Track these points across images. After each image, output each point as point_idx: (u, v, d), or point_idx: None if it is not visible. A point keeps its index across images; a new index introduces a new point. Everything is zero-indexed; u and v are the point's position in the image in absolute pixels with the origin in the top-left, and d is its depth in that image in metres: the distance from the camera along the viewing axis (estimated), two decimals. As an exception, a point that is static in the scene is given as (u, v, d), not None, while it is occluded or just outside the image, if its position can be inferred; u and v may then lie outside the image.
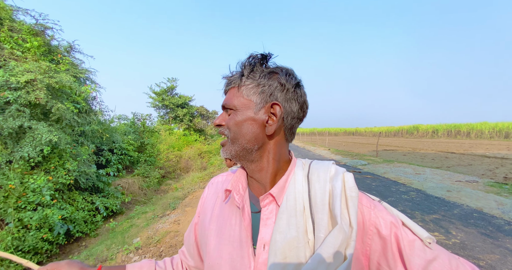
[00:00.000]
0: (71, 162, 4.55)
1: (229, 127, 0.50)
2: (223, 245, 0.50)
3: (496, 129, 32.32)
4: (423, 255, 0.41)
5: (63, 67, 4.16)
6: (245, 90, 0.49)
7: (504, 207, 3.90)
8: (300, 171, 0.51)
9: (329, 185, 0.46)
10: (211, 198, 0.61)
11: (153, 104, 16.19)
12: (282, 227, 0.44)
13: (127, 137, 8.38)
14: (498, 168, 8.03)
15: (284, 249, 0.42)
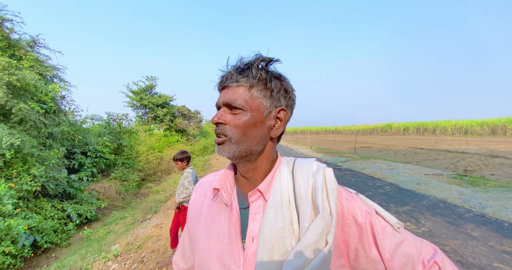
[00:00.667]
0: (38, 167, 4.18)
1: (236, 127, 0.49)
2: (212, 242, 0.52)
3: (457, 126, 35.58)
4: (393, 238, 0.47)
5: (27, 64, 3.79)
6: (256, 92, 0.49)
7: (464, 196, 4.32)
8: (285, 168, 0.55)
9: (311, 180, 0.51)
10: (199, 198, 0.63)
11: (130, 104, 15.38)
12: (269, 219, 0.47)
13: (102, 138, 7.89)
14: (459, 162, 8.86)
15: (271, 239, 0.46)
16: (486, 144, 16.58)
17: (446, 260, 0.47)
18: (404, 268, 0.46)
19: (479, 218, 3.32)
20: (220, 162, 10.61)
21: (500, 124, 29.49)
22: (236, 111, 0.49)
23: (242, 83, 0.49)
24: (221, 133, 0.50)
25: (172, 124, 15.93)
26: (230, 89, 0.50)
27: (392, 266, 0.46)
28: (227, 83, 0.50)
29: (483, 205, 3.83)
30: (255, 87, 0.49)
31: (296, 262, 0.42)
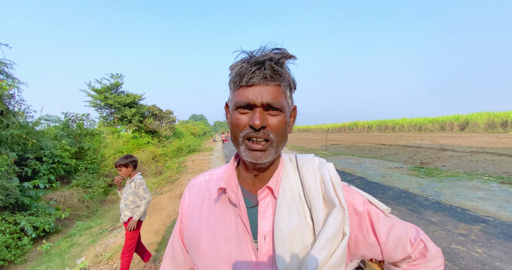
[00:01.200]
0: (-19, 176, 3.60)
1: (278, 129, 0.47)
2: (219, 245, 0.50)
3: (412, 124, 39.66)
4: (386, 223, 0.52)
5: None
6: (285, 92, 0.48)
7: (422, 186, 4.84)
8: (289, 164, 0.56)
9: (318, 174, 0.53)
10: (195, 200, 0.58)
11: (93, 103, 14.05)
12: (284, 216, 0.47)
13: (59, 142, 7.08)
14: (416, 155, 9.89)
15: (290, 236, 0.46)
16: (437, 139, 18.78)
17: (427, 237, 0.54)
18: (396, 248, 0.51)
19: (436, 205, 3.74)
20: (196, 163, 10.30)
21: (448, 121, 33.65)
22: (274, 113, 0.47)
23: (279, 81, 0.46)
24: (264, 137, 0.46)
25: (141, 125, 14.97)
26: (268, 87, 0.45)
27: (387, 248, 0.51)
28: (264, 80, 0.45)
29: (439, 193, 4.33)
30: (285, 87, 0.48)
31: (320, 255, 0.42)
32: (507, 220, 3.01)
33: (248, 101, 0.46)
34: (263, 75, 0.45)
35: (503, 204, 3.55)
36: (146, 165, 10.41)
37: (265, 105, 0.46)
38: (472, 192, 4.21)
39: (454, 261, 2.16)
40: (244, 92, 0.46)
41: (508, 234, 2.65)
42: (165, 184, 7.30)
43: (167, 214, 4.03)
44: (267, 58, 0.46)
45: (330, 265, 0.42)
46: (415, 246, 0.52)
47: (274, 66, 0.45)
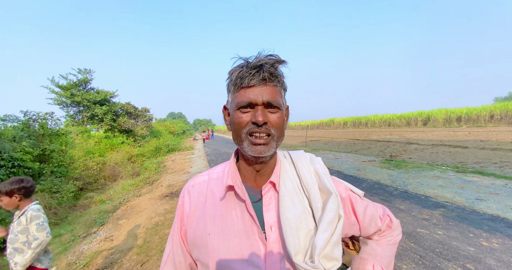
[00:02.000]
0: None
1: (277, 125, 0.52)
2: (228, 240, 0.53)
3: (383, 120, 42.52)
4: (362, 205, 0.64)
5: None
6: (280, 92, 0.54)
7: (392, 177, 5.25)
8: (285, 160, 0.63)
9: (312, 168, 0.62)
10: (197, 201, 0.59)
11: (57, 101, 12.86)
12: (288, 207, 0.53)
13: (19, 144, 6.41)
14: (386, 149, 10.66)
15: (296, 223, 0.52)
16: (404, 133, 20.37)
17: (390, 212, 0.68)
18: (370, 224, 0.64)
19: (403, 194, 4.10)
20: (176, 163, 9.99)
21: (413, 117, 36.64)
22: (273, 110, 0.52)
23: (276, 83, 0.52)
24: (267, 132, 0.51)
25: (114, 123, 14.09)
26: (267, 87, 0.51)
27: (364, 225, 0.64)
28: (263, 82, 0.50)
29: (406, 183, 4.74)
30: (281, 88, 0.54)
31: (324, 235, 0.50)
32: (462, 204, 3.41)
33: (250, 100, 0.50)
34: (262, 77, 0.50)
35: (459, 191, 4.01)
36: (122, 166, 9.86)
37: (265, 103, 0.51)
38: (433, 181, 4.67)
39: (419, 243, 2.40)
40: (246, 93, 0.51)
41: (462, 216, 3.01)
42: (144, 186, 6.99)
43: (147, 216, 3.88)
44: (264, 62, 0.51)
45: (332, 243, 0.50)
46: (384, 220, 0.65)
47: (271, 69, 0.51)
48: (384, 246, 0.65)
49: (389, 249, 0.65)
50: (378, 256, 0.64)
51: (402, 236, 0.71)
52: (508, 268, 1.92)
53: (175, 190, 5.55)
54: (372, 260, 0.65)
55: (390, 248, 0.65)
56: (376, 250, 0.65)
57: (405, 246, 2.36)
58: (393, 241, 0.65)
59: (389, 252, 0.65)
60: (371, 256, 0.65)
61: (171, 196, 5.09)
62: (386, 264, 0.65)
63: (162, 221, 3.67)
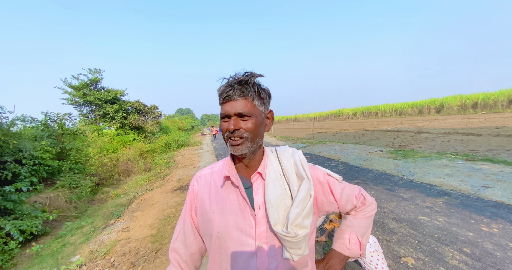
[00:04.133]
0: (-42, 183, 3.47)
1: (249, 130, 0.65)
2: (227, 216, 0.69)
3: (393, 109, 41.32)
4: (339, 187, 0.77)
5: None
6: (256, 102, 0.66)
7: (398, 167, 5.24)
8: (271, 154, 0.77)
9: (292, 159, 0.75)
10: (203, 188, 0.76)
11: (71, 101, 13.37)
12: (271, 190, 0.68)
13: (39, 143, 6.81)
14: (395, 139, 10.49)
15: (276, 202, 0.67)
16: (415, 122, 19.83)
17: (365, 192, 0.82)
18: (346, 202, 0.77)
19: (408, 183, 4.11)
20: (186, 158, 10.29)
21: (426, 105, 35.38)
22: (245, 118, 0.65)
23: (246, 96, 0.64)
24: (239, 136, 0.65)
25: (125, 121, 14.53)
26: (238, 101, 0.64)
27: (341, 203, 0.77)
28: (234, 97, 0.64)
29: (412, 172, 4.73)
30: (256, 99, 0.66)
31: (296, 210, 0.65)
32: (467, 192, 3.41)
33: (225, 113, 0.65)
34: (233, 93, 0.64)
35: (465, 179, 3.98)
36: (134, 162, 10.27)
37: (237, 114, 0.64)
38: (440, 170, 4.64)
39: (419, 230, 2.46)
40: (223, 107, 0.66)
41: (466, 204, 3.02)
42: (155, 180, 7.30)
43: (160, 209, 4.12)
44: (236, 82, 0.64)
45: (302, 215, 0.65)
46: (358, 198, 0.79)
47: (242, 86, 0.64)
48: (359, 219, 0.80)
49: (364, 221, 0.80)
50: (354, 227, 0.80)
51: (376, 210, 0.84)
52: (504, 251, 1.96)
53: (185, 184, 5.79)
54: (348, 231, 0.81)
55: (364, 220, 0.80)
56: (353, 222, 0.80)
57: (405, 232, 2.43)
58: (368, 215, 0.80)
59: (364, 224, 0.80)
60: (348, 227, 0.81)
61: (181, 190, 5.33)
62: (361, 233, 0.80)
63: (174, 213, 3.89)
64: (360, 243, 0.79)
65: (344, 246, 0.80)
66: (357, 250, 0.79)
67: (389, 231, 2.50)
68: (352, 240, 0.79)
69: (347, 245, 0.79)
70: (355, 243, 0.79)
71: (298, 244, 0.64)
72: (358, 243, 0.79)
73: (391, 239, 2.34)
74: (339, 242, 0.81)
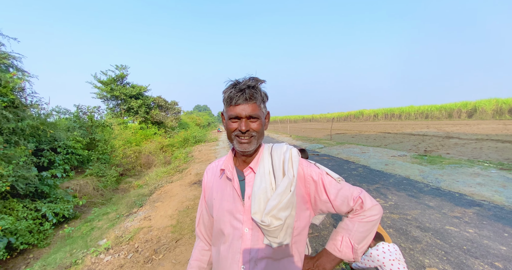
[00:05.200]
0: (4, 166, 3.87)
1: (257, 130, 0.75)
2: (223, 203, 0.80)
3: (419, 111, 39.00)
4: (335, 187, 0.77)
5: (-20, 52, 3.33)
6: (261, 105, 0.76)
7: (424, 173, 4.96)
8: (266, 151, 0.82)
9: (282, 156, 0.79)
10: (211, 179, 0.89)
11: (99, 95, 14.24)
12: (257, 183, 0.75)
13: (72, 133, 7.36)
14: (420, 143, 9.92)
15: (259, 194, 0.73)
16: (443, 126, 18.58)
17: (367, 195, 0.79)
18: (342, 204, 0.77)
19: (435, 191, 3.88)
20: (202, 153, 10.57)
21: (456, 108, 32.98)
22: (254, 120, 0.74)
23: (255, 100, 0.73)
24: (249, 135, 0.74)
25: (147, 116, 15.20)
26: (248, 105, 0.72)
27: (336, 203, 0.77)
28: (246, 101, 0.72)
29: (439, 180, 4.46)
30: (261, 102, 0.75)
31: (272, 202, 0.70)
32: (501, 204, 3.15)
33: (236, 114, 0.72)
34: (244, 98, 0.71)
35: (499, 189, 3.67)
36: (155, 155, 10.73)
37: (247, 116, 0.72)
38: (471, 178, 4.32)
39: (445, 240, 2.33)
40: (234, 109, 0.73)
41: (499, 216, 2.79)
42: (174, 173, 7.59)
43: (179, 200, 4.29)
44: (246, 86, 0.72)
45: (278, 208, 0.69)
46: (355, 201, 0.77)
47: (251, 91, 0.72)
48: (355, 223, 0.78)
49: (361, 226, 0.77)
50: (348, 230, 0.79)
51: (380, 217, 0.78)
52: (546, 271, 1.80)
53: (202, 178, 5.96)
54: (342, 233, 0.80)
55: (362, 225, 0.77)
56: (348, 225, 0.79)
57: (430, 242, 2.31)
58: (366, 220, 0.77)
59: (361, 228, 0.77)
60: (343, 229, 0.80)
61: (199, 184, 5.49)
62: (356, 238, 0.77)
63: (192, 205, 4.03)
64: (353, 247, 0.77)
65: (336, 247, 0.80)
66: (349, 253, 0.78)
67: (412, 239, 2.39)
68: (344, 243, 0.78)
69: (338, 247, 0.79)
70: (347, 246, 0.78)
71: (274, 233, 0.70)
72: (350, 246, 0.78)
73: (414, 247, 2.24)
74: (331, 243, 0.82)
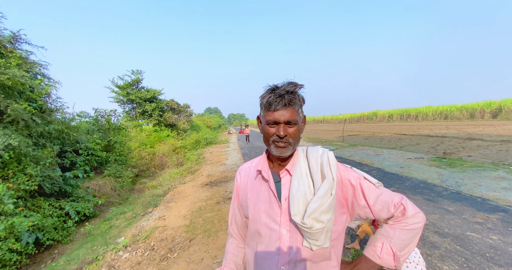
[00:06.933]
0: (33, 167, 4.15)
1: (294, 135, 0.75)
2: (259, 204, 0.82)
3: (437, 112, 37.27)
4: (375, 192, 0.76)
5: (14, 62, 3.64)
6: (299, 110, 0.76)
7: (443, 177, 4.75)
8: (301, 153, 0.83)
9: (319, 159, 0.79)
10: (244, 179, 0.91)
11: (116, 99, 14.90)
12: (295, 186, 0.76)
13: (91, 136, 7.75)
14: (439, 145, 9.49)
15: (298, 196, 0.74)
16: (464, 127, 17.66)
17: (409, 202, 0.77)
18: (382, 209, 0.76)
19: (455, 195, 3.71)
20: (213, 155, 10.73)
21: (478, 108, 31.20)
22: (291, 125, 0.74)
23: (293, 106, 0.73)
24: (286, 141, 0.74)
25: (161, 118, 15.67)
26: (287, 111, 0.72)
27: (375, 209, 0.76)
28: (285, 107, 0.72)
29: (459, 183, 4.26)
30: (299, 108, 0.75)
31: (314, 205, 0.71)
32: (529, 210, 2.96)
33: (275, 120, 0.73)
34: (283, 103, 0.71)
35: (528, 195, 3.45)
36: (168, 157, 11.03)
37: (285, 122, 0.73)
38: (495, 182, 4.09)
39: (466, 246, 2.23)
40: (273, 114, 0.73)
41: (528, 223, 2.63)
42: (187, 174, 7.76)
43: (191, 201, 4.39)
44: (285, 92, 0.72)
45: (320, 211, 0.70)
46: (397, 208, 0.75)
47: (290, 96, 0.72)
48: (397, 230, 0.75)
49: (403, 234, 0.74)
50: (389, 237, 0.76)
51: (423, 225, 0.75)
52: None
53: (214, 180, 6.05)
54: (382, 239, 0.77)
55: (404, 233, 0.74)
56: (388, 232, 0.77)
57: (449, 248, 2.22)
58: (408, 227, 0.74)
59: (403, 236, 0.74)
60: (383, 236, 0.78)
61: (210, 185, 5.59)
62: (398, 246, 0.74)
63: (204, 206, 4.12)
64: (394, 254, 0.74)
65: (375, 254, 0.77)
66: (390, 261, 0.75)
67: (430, 245, 2.31)
68: (385, 250, 0.75)
69: (378, 254, 0.76)
70: (388, 253, 0.75)
71: (315, 236, 0.70)
72: (392, 254, 0.74)
73: (432, 253, 2.17)
74: (370, 249, 0.79)
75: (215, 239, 2.89)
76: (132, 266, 2.50)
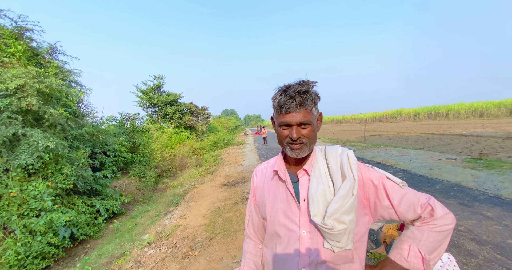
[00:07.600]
0: (69, 167, 4.52)
1: (308, 136, 0.72)
2: (277, 204, 0.80)
3: (471, 109, 34.25)
4: (399, 192, 0.72)
5: (51, 71, 4.04)
6: (313, 109, 0.72)
7: (479, 179, 4.35)
8: (319, 153, 0.81)
9: (339, 159, 0.77)
10: (261, 180, 0.90)
11: (140, 103, 15.77)
12: (314, 186, 0.74)
13: (118, 138, 8.26)
14: (474, 145, 8.71)
15: (317, 196, 0.72)
16: (503, 126, 16.04)
17: (437, 202, 0.71)
18: (407, 210, 0.71)
19: (494, 200, 3.38)
20: (231, 156, 10.87)
21: (519, 105, 28.23)
22: (305, 126, 0.72)
23: (305, 107, 0.70)
24: (300, 142, 0.72)
25: (181, 121, 16.27)
26: (299, 113, 0.70)
27: (400, 210, 0.72)
28: (296, 109, 0.69)
29: (499, 187, 3.87)
30: (313, 107, 0.72)
31: (335, 205, 0.68)
32: None
33: (287, 122, 0.70)
34: (295, 105, 0.68)
35: None
36: (188, 158, 11.40)
37: (298, 123, 0.70)
38: (543, 186, 3.65)
39: (508, 256, 2.01)
40: (284, 116, 0.71)
41: None
42: (205, 175, 7.95)
43: (210, 201, 4.48)
44: (296, 93, 0.68)
45: (341, 211, 0.67)
46: (424, 208, 0.70)
47: (302, 97, 0.68)
48: (425, 232, 0.71)
49: (432, 236, 0.70)
50: (416, 239, 0.71)
51: (453, 226, 0.70)
52: None
53: (231, 180, 6.13)
54: (409, 242, 0.73)
55: (432, 235, 0.70)
56: (415, 234, 0.72)
57: (488, 257, 2.02)
58: (437, 229, 0.69)
59: (431, 238, 0.70)
60: (410, 238, 0.73)
61: (228, 185, 5.66)
62: (427, 248, 0.70)
63: (223, 206, 4.18)
64: (423, 257, 0.69)
65: (402, 257, 0.72)
66: (418, 265, 0.70)
67: (466, 252, 2.12)
68: (412, 253, 0.71)
69: (405, 257, 0.72)
70: (416, 256, 0.70)
71: (337, 237, 0.67)
72: (420, 257, 0.70)
73: (468, 262, 1.98)
74: (396, 252, 0.74)
75: (234, 239, 2.92)
76: (156, 262, 2.61)
